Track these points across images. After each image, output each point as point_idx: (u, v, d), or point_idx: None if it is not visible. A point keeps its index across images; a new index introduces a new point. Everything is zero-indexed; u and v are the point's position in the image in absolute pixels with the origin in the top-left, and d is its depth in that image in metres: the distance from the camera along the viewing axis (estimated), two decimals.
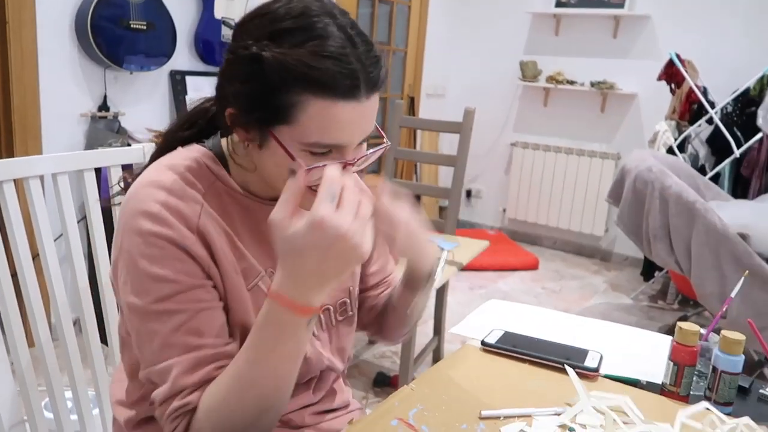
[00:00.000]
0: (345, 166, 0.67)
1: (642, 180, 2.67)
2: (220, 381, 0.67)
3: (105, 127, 2.40)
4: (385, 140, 0.75)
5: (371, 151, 0.72)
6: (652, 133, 3.37)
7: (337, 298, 0.86)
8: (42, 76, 2.21)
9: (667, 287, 3.45)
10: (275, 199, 0.76)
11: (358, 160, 0.69)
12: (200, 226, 0.71)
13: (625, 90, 3.88)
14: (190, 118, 0.80)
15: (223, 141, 0.79)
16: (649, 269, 3.51)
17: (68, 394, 1.05)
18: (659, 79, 3.39)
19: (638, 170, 2.71)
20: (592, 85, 3.93)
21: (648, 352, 0.95)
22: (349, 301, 0.88)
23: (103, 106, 2.41)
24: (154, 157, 0.79)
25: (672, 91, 3.41)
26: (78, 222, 1.07)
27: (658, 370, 0.86)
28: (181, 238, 0.69)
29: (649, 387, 0.84)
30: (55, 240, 1.02)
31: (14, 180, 0.95)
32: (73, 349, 1.04)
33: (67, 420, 1.04)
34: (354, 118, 0.66)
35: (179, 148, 0.77)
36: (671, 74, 3.33)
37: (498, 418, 0.72)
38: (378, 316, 0.95)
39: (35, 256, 0.98)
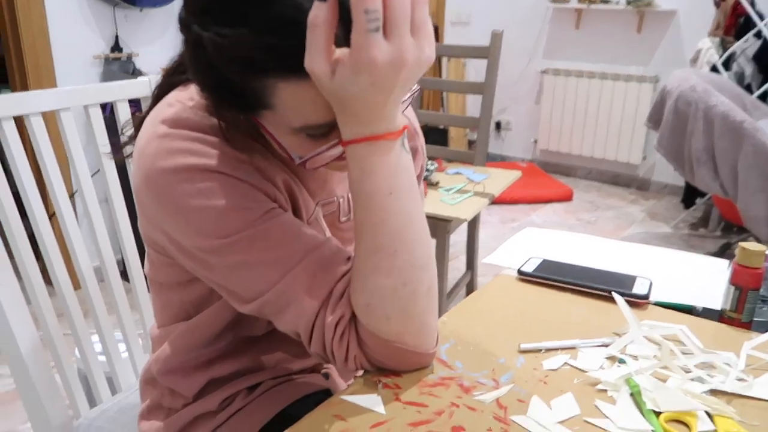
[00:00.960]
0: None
1: (684, 100, 2.51)
2: (357, 272, 0.57)
3: (119, 69, 2.33)
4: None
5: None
6: (694, 52, 3.15)
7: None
8: (50, 18, 2.13)
9: (709, 214, 3.30)
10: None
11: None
12: (250, 155, 0.61)
13: (663, 7, 3.61)
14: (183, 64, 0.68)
15: None
16: (690, 196, 3.37)
17: (95, 338, 1.04)
18: None
19: (680, 90, 2.53)
20: (628, 3, 3.67)
21: (702, 277, 0.87)
22: None
23: (116, 47, 2.33)
24: (156, 96, 0.68)
25: (716, 4, 3.15)
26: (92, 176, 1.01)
27: (715, 296, 0.78)
28: (230, 169, 0.58)
29: (706, 314, 0.76)
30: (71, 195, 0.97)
31: (14, 118, 0.89)
32: (119, 292, 1.03)
33: (119, 360, 1.04)
34: None
35: (182, 87, 0.66)
36: None
37: (539, 351, 0.66)
38: None
39: (52, 215, 0.94)
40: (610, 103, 3.90)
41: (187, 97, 0.63)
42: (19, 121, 0.90)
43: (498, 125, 4.49)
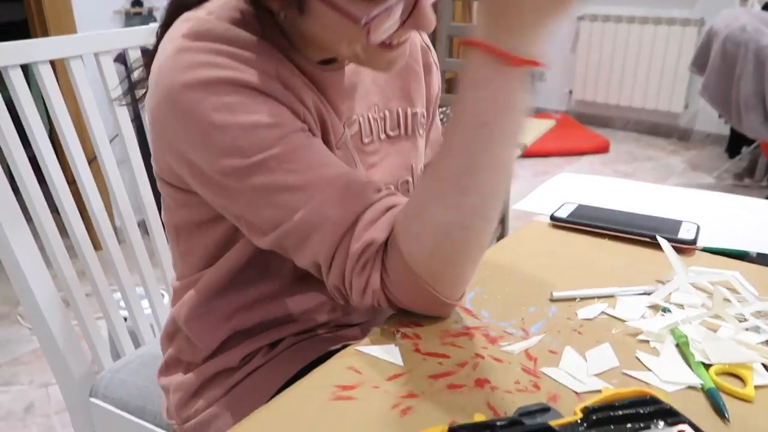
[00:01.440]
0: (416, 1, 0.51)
1: (733, 41, 2.34)
2: (416, 196, 0.52)
3: (140, 24, 2.29)
4: None
5: None
6: None
7: (398, 176, 0.73)
8: None
9: (755, 163, 3.14)
10: (326, 63, 0.63)
11: None
12: (275, 71, 0.56)
13: None
14: None
15: None
16: (735, 144, 3.20)
17: (117, 296, 1.03)
18: None
19: (729, 30, 2.36)
20: None
21: (755, 221, 0.79)
22: (411, 179, 0.75)
23: (137, 2, 2.28)
24: (164, 22, 0.62)
25: None
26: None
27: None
28: (256, 79, 0.53)
29: (761, 260, 0.69)
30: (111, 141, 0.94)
31: (51, 63, 0.87)
32: (140, 249, 1.01)
33: (141, 315, 1.03)
34: None
35: (195, 9, 0.60)
36: None
37: (573, 299, 0.61)
38: None
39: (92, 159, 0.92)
40: (651, 49, 3.70)
41: (204, 12, 0.57)
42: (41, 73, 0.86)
43: (531, 76, 4.33)
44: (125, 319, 1.03)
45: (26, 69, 0.85)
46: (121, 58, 1.91)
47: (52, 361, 0.90)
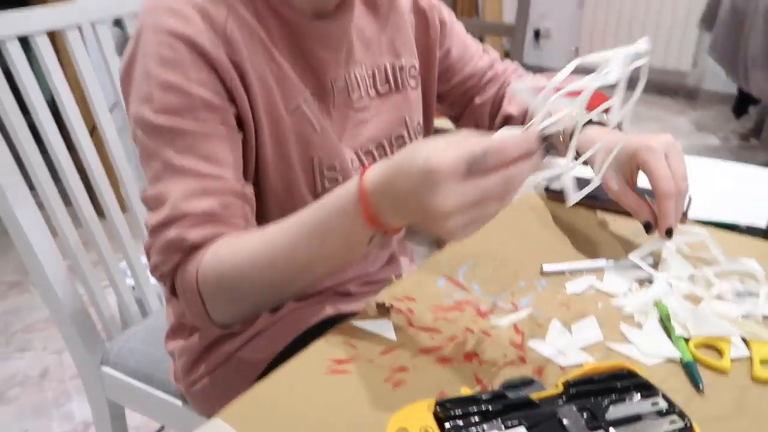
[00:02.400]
0: None
1: None
2: (245, 243, 0.56)
3: None
4: None
5: None
6: None
7: (390, 131, 0.74)
8: None
9: (762, 124, 3.10)
10: (318, 16, 0.65)
11: None
12: (228, 31, 0.58)
13: None
14: None
15: None
16: (742, 104, 3.16)
17: (122, 264, 1.05)
18: None
19: None
20: None
21: (747, 191, 0.80)
22: (406, 133, 0.76)
23: None
24: None
25: None
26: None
27: (761, 212, 0.72)
28: (202, 38, 0.57)
29: (751, 232, 0.71)
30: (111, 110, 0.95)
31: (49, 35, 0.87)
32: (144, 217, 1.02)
33: (147, 284, 1.04)
34: None
35: None
36: None
37: (563, 273, 0.62)
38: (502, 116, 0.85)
39: (93, 129, 0.93)
40: (660, 5, 3.61)
41: None
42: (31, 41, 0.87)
43: (537, 33, 4.24)
44: (132, 288, 1.06)
45: (24, 39, 0.85)
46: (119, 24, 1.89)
47: (63, 330, 0.94)
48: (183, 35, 0.56)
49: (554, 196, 0.79)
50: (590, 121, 0.70)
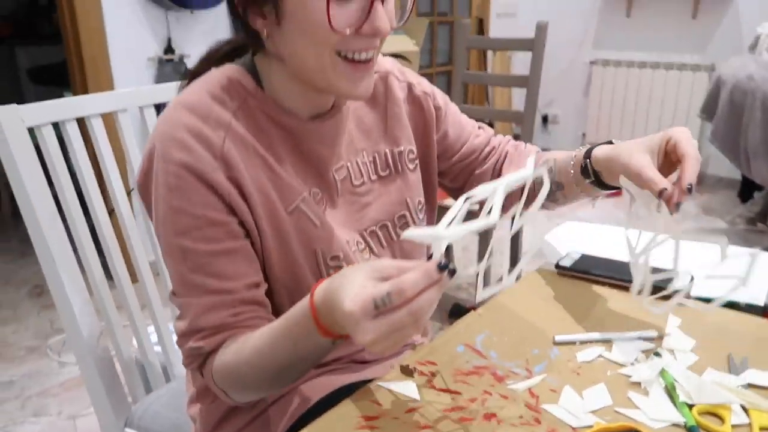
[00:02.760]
0: (372, 2, 0.62)
1: (741, 90, 2.42)
2: (242, 346, 0.66)
3: (172, 71, 2.43)
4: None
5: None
6: (753, 38, 3.02)
7: (393, 212, 0.81)
8: (107, 21, 2.24)
9: None
10: (315, 117, 0.73)
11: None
12: (225, 152, 0.67)
13: None
14: (222, 44, 0.76)
15: (257, 58, 0.73)
16: (747, 189, 3.24)
17: (150, 329, 1.10)
18: None
19: (736, 79, 2.45)
20: None
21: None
22: (408, 213, 0.82)
23: (168, 49, 2.42)
24: (189, 80, 0.75)
25: None
26: None
27: (759, 291, 0.77)
28: (200, 164, 0.65)
29: (750, 310, 0.75)
30: (129, 192, 1.03)
31: (77, 120, 0.96)
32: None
33: (173, 350, 1.08)
34: None
35: (212, 69, 0.73)
36: None
37: (573, 343, 0.67)
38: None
39: (111, 211, 1.00)
40: (663, 94, 3.79)
41: (202, 81, 0.71)
42: (80, 123, 0.96)
43: (545, 118, 4.42)
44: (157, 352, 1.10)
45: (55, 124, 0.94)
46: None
47: (91, 390, 0.97)
48: (186, 164, 0.65)
49: (564, 272, 0.84)
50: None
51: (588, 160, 0.79)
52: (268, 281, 0.72)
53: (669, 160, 0.73)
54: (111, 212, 1.00)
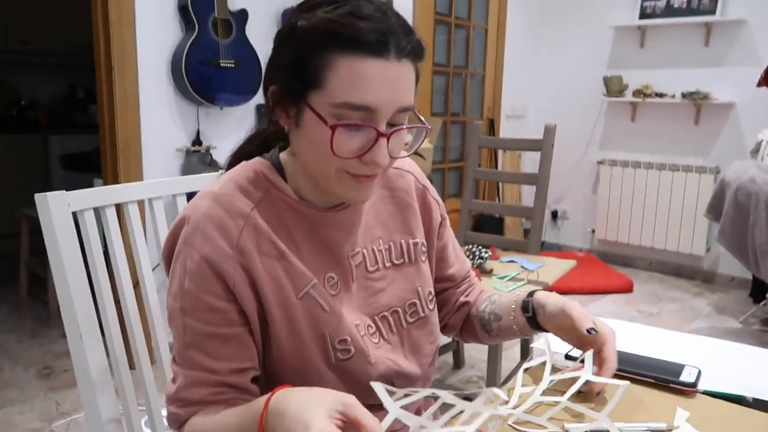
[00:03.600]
0: (378, 135, 0.67)
1: (745, 192, 2.49)
2: (213, 417, 0.71)
3: (198, 161, 2.56)
4: (425, 123, 0.75)
5: (409, 126, 0.72)
6: (755, 143, 3.14)
7: (404, 299, 0.85)
8: (143, 115, 2.40)
9: None
10: (331, 208, 0.79)
11: (392, 134, 0.69)
12: (240, 242, 0.72)
13: (721, 99, 3.66)
14: (252, 137, 0.85)
15: (282, 154, 0.81)
16: (759, 289, 3.23)
17: (164, 412, 1.11)
18: (759, 85, 3.17)
19: (740, 182, 2.53)
20: (684, 96, 3.73)
21: (755, 369, 0.87)
22: (418, 301, 0.86)
23: (197, 141, 2.57)
24: (230, 161, 0.85)
25: None
26: None
27: (766, 387, 0.79)
28: (216, 255, 0.71)
29: (757, 405, 0.77)
30: (153, 269, 1.09)
31: (116, 206, 1.03)
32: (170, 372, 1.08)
33: None
34: (383, 78, 0.66)
35: (243, 162, 0.80)
36: None
37: None
38: (464, 321, 0.97)
39: (136, 284, 1.05)
40: (670, 194, 3.88)
41: (233, 173, 0.78)
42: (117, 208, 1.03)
43: (555, 214, 4.51)
44: None
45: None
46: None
47: None
48: (205, 256, 0.71)
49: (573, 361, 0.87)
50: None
51: (531, 299, 0.87)
52: (276, 368, 0.76)
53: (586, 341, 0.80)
54: (135, 285, 1.05)
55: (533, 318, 0.87)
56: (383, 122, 0.68)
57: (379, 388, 0.59)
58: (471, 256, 1.98)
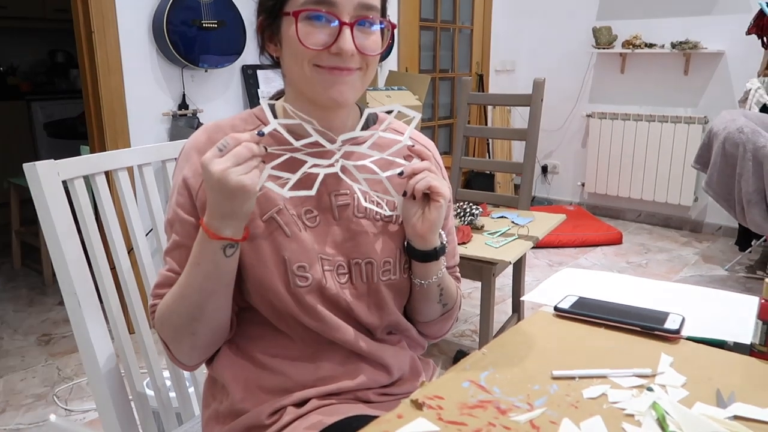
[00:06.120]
0: (341, 25, 0.75)
1: (732, 142, 2.51)
2: (171, 290, 0.82)
3: (185, 125, 2.53)
4: (390, 22, 0.83)
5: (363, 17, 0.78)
6: (743, 92, 3.15)
7: (382, 255, 0.86)
8: (126, 80, 2.36)
9: (767, 256, 3.22)
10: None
11: (354, 23, 0.76)
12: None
13: (710, 48, 3.64)
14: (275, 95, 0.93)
15: (280, 100, 0.89)
16: (744, 238, 3.30)
17: (166, 373, 1.14)
18: (749, 33, 3.15)
19: (727, 132, 2.54)
20: (673, 46, 3.71)
21: (736, 313, 0.90)
22: (393, 261, 0.87)
23: (183, 105, 2.54)
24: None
25: (764, 45, 3.16)
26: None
27: (746, 331, 0.82)
28: (190, 173, 0.82)
29: (737, 348, 0.80)
30: (147, 234, 1.10)
31: (105, 173, 1.03)
32: None
33: (167, 396, 1.12)
34: None
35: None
36: (762, 26, 3.09)
37: (572, 378, 0.71)
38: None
39: (130, 250, 1.06)
40: (658, 145, 3.90)
41: (243, 112, 0.89)
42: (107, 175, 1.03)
43: (544, 169, 4.53)
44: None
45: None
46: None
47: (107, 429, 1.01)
48: (183, 174, 0.83)
49: (562, 314, 0.89)
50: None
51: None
52: (243, 283, 0.83)
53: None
54: (130, 251, 1.06)
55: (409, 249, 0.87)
56: (345, 15, 0.76)
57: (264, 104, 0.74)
58: (462, 213, 2.00)
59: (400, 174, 0.80)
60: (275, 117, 0.80)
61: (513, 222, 2.07)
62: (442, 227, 0.95)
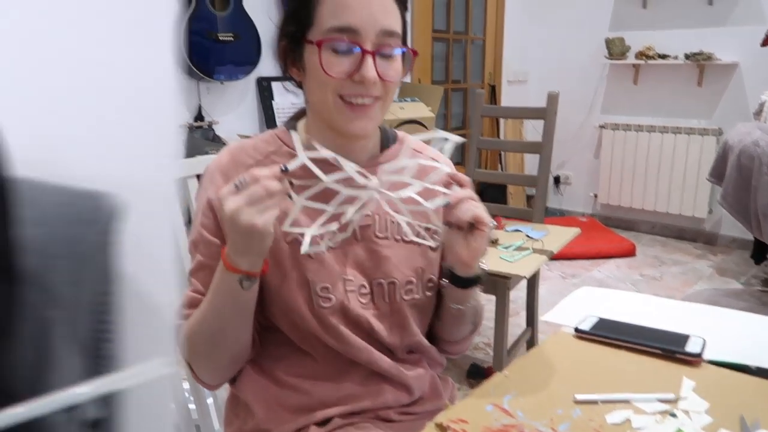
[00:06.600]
0: (363, 53, 0.76)
1: (747, 155, 2.50)
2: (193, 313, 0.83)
3: (201, 136, 2.56)
4: (408, 47, 0.83)
5: (399, 51, 0.80)
6: (758, 104, 3.13)
7: (404, 275, 0.86)
8: None
9: None
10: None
11: (376, 52, 0.77)
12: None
13: (724, 60, 3.62)
14: (296, 114, 0.93)
15: (302, 121, 0.90)
16: (760, 251, 3.26)
17: (186, 385, 1.15)
18: (763, 44, 3.14)
19: (743, 145, 2.53)
20: (687, 57, 3.70)
21: (759, 337, 0.90)
22: (415, 281, 0.87)
23: (199, 117, 2.56)
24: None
25: None
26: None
27: None
28: (214, 194, 0.81)
29: (760, 373, 0.80)
30: None
31: None
32: None
33: (204, 406, 1.12)
34: (362, 2, 0.76)
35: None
36: None
37: (594, 402, 0.72)
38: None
39: None
40: (672, 157, 3.87)
41: (266, 133, 0.90)
42: None
43: (557, 180, 4.52)
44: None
45: None
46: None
47: None
48: (208, 195, 0.84)
49: (583, 336, 0.89)
50: None
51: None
52: (267, 303, 0.84)
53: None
54: None
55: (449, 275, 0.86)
56: (367, 43, 0.76)
57: (294, 136, 0.75)
58: None
59: (446, 204, 0.79)
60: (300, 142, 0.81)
61: (527, 236, 2.06)
62: None
